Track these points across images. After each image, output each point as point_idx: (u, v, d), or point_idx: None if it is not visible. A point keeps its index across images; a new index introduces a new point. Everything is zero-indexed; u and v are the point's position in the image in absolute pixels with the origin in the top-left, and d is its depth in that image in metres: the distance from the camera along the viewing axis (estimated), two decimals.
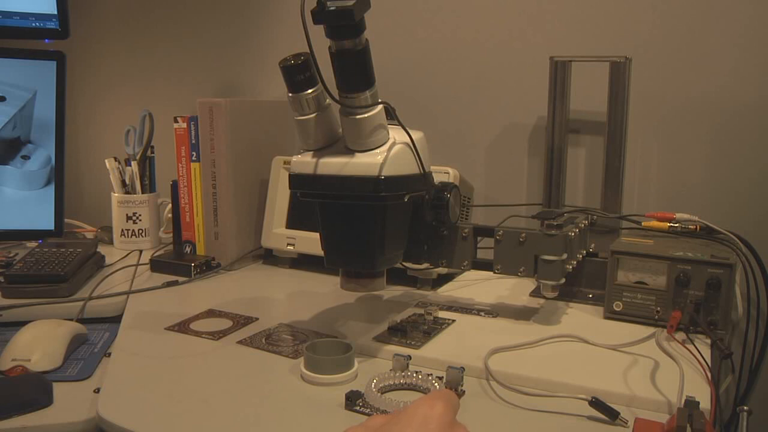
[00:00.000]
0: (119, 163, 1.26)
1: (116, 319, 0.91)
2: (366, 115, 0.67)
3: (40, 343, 0.77)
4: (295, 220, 1.12)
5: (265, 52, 1.38)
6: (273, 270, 1.13)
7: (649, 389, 0.64)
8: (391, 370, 0.66)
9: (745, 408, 0.60)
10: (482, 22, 1.17)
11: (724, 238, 0.86)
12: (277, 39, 1.36)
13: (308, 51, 0.63)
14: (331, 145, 0.71)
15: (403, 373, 0.65)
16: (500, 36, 1.16)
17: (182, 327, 0.84)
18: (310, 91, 0.68)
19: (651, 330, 0.77)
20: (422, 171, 0.74)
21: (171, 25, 1.46)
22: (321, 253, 0.75)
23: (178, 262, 1.10)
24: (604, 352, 0.73)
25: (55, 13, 1.26)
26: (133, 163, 1.26)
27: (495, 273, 0.80)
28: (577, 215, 0.89)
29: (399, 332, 0.77)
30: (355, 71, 0.65)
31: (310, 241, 1.08)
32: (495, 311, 0.86)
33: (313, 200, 0.72)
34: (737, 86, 1.01)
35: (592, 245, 0.91)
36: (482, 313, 0.86)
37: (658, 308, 0.80)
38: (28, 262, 1.01)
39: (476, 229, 0.81)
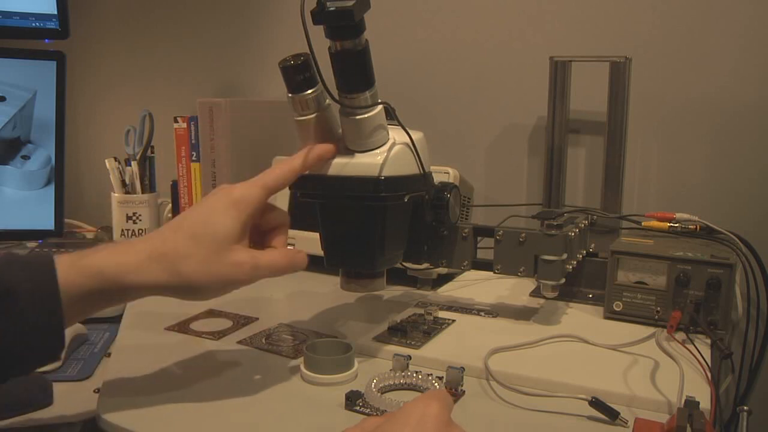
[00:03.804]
0: (119, 163, 1.26)
1: (116, 319, 0.90)
2: (366, 116, 0.67)
3: None
4: (295, 220, 1.12)
5: (265, 52, 1.38)
6: None
7: (649, 389, 0.64)
8: (391, 370, 0.66)
9: (745, 408, 0.60)
10: (482, 22, 1.17)
11: (724, 238, 0.86)
12: (277, 39, 1.36)
13: (308, 51, 0.63)
14: None
15: (403, 373, 0.65)
16: (500, 36, 1.16)
17: (182, 327, 0.84)
18: (309, 91, 0.68)
19: (651, 330, 0.77)
20: (422, 171, 0.73)
21: (171, 25, 1.46)
22: (321, 253, 0.75)
23: None
24: (604, 352, 0.73)
25: (55, 13, 1.26)
26: (133, 163, 1.26)
27: (495, 273, 0.79)
28: (577, 215, 0.89)
29: (399, 332, 0.77)
30: (355, 71, 0.65)
31: (310, 241, 1.07)
32: (495, 311, 0.86)
33: (313, 200, 0.72)
34: (737, 86, 1.01)
35: (592, 245, 0.91)
36: (482, 313, 0.86)
37: (658, 308, 0.80)
38: None
39: (476, 229, 0.81)
